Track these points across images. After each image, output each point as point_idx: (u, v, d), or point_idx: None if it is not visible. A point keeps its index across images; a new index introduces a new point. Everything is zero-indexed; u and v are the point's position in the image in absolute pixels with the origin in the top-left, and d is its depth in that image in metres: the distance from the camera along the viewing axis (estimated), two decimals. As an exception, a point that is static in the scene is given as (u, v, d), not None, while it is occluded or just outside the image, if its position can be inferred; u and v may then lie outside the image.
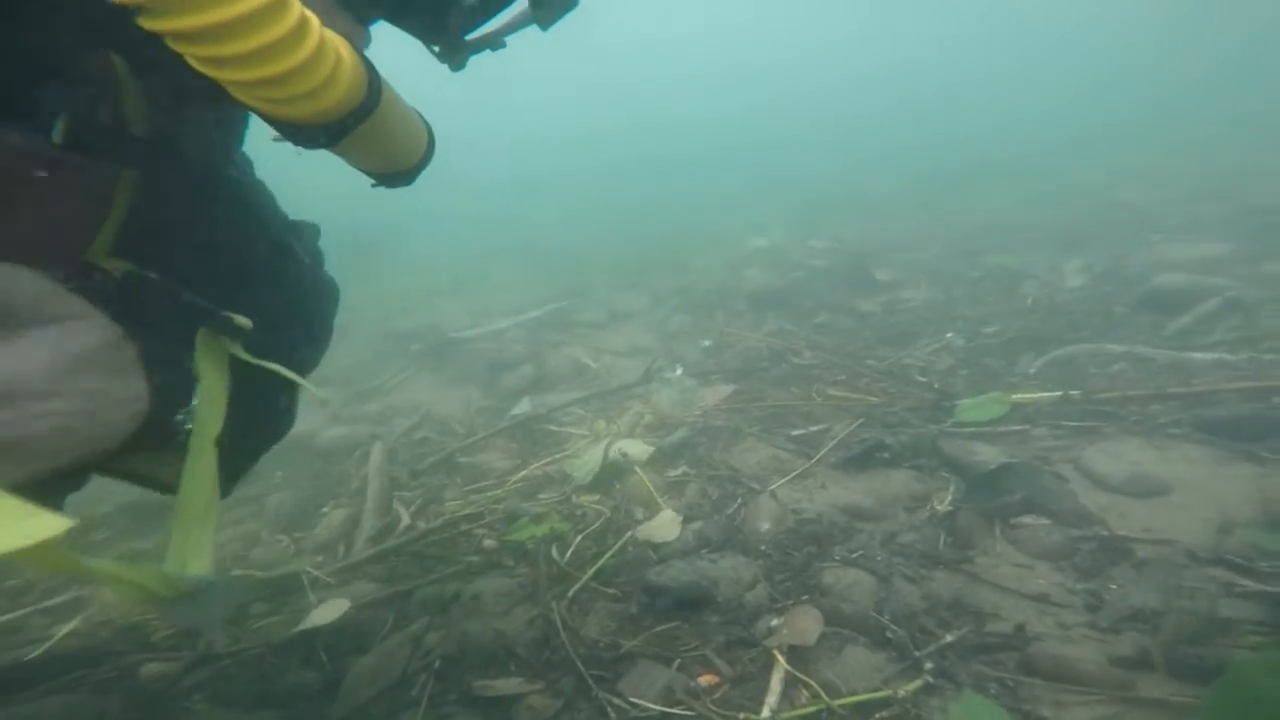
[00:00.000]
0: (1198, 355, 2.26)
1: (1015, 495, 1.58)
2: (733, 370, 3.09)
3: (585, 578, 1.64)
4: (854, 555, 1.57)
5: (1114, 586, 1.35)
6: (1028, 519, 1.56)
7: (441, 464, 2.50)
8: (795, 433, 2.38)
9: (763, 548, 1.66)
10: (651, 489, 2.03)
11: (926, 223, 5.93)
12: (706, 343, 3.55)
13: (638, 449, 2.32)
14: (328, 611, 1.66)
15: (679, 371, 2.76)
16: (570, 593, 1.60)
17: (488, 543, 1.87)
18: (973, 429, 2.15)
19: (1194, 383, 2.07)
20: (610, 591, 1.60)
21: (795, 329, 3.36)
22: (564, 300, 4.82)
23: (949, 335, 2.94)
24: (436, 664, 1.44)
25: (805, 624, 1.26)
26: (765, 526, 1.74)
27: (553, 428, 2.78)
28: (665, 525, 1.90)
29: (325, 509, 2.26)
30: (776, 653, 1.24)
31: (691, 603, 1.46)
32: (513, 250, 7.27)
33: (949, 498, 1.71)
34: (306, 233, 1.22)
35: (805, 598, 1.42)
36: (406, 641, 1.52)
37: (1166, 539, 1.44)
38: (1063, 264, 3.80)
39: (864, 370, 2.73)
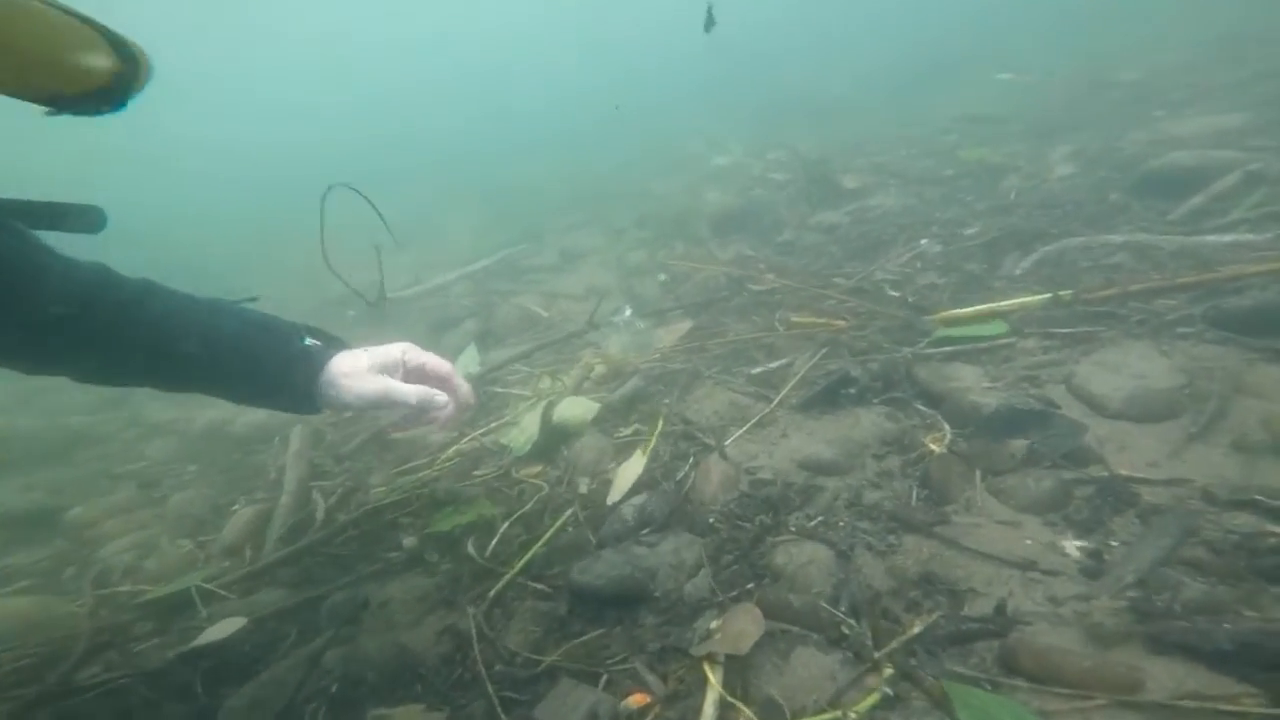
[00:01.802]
0: (1212, 238, 1.93)
1: (1022, 441, 1.30)
2: (692, 304, 2.77)
3: (509, 575, 1.40)
4: (812, 523, 1.32)
5: (1115, 544, 1.10)
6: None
7: (372, 443, 2.23)
8: (755, 370, 2.10)
9: (711, 520, 1.42)
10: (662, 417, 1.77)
11: (894, 123, 5.39)
12: (663, 276, 3.20)
13: (583, 408, 2.04)
14: (219, 629, 1.43)
15: (628, 313, 2.44)
16: (492, 593, 1.36)
17: (407, 538, 1.62)
18: (952, 348, 1.87)
19: (1208, 270, 1.75)
20: (539, 588, 1.37)
21: (755, 253, 3.00)
22: (516, 245, 4.41)
23: (923, 242, 2.59)
24: (334, 688, 1.22)
25: (742, 627, 1.02)
26: (715, 493, 1.49)
27: (498, 389, 2.49)
28: (631, 467, 1.67)
29: (238, 505, 2.01)
30: (708, 667, 1.00)
31: (624, 600, 1.22)
32: (466, 196, 6.71)
33: (946, 439, 1.43)
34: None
35: (751, 586, 1.18)
36: (301, 663, 1.29)
37: (1178, 477, 1.18)
38: (1048, 153, 3.38)
39: (830, 291, 2.41)
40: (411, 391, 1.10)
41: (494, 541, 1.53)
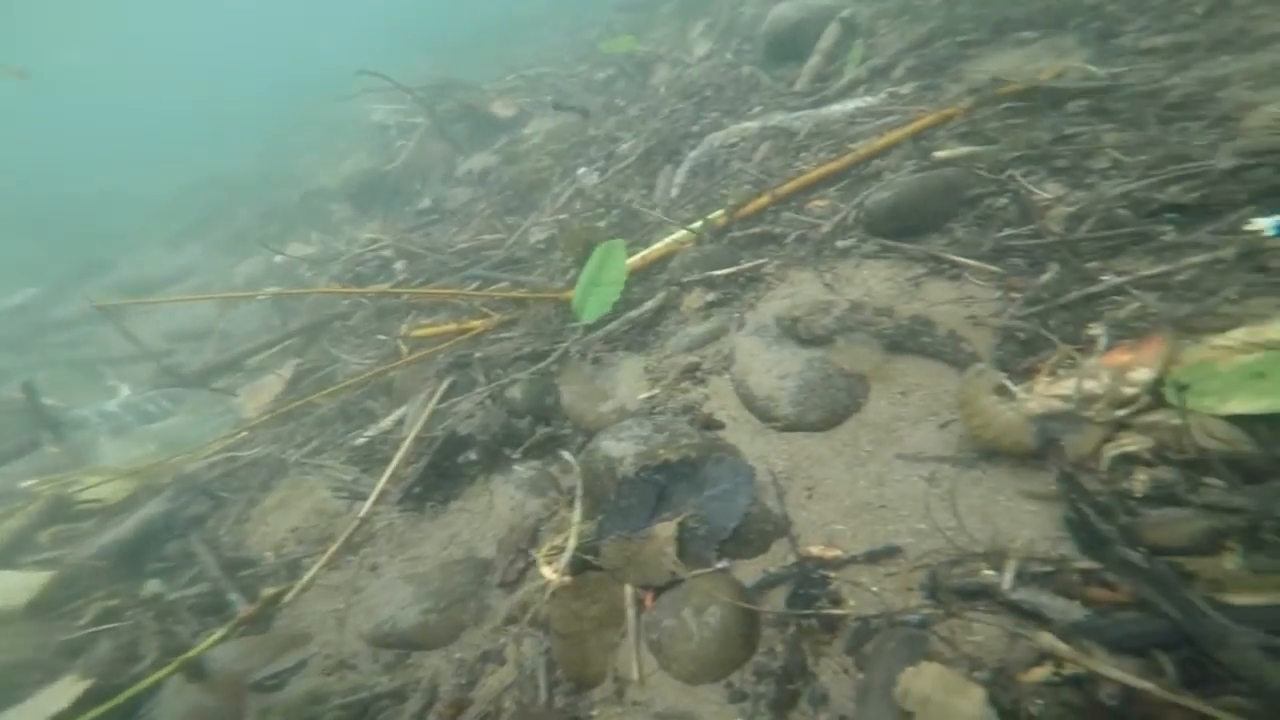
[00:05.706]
0: (837, 108, 1.59)
1: (671, 521, 0.75)
2: (300, 328, 1.87)
3: None
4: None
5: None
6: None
7: None
8: (361, 439, 1.35)
9: None
10: None
11: (563, 27, 4.68)
12: (262, 296, 2.18)
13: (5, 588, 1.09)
14: None
15: (120, 397, 1.46)
16: None
17: None
18: (604, 332, 1.31)
19: (844, 152, 1.40)
20: None
21: (385, 235, 2.13)
22: (51, 283, 2.87)
23: (580, 171, 2.00)
24: None
25: None
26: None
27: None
28: None
29: None
30: None
31: None
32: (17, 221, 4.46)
33: (569, 545, 0.82)
34: None
35: None
36: None
37: (884, 546, 0.74)
38: (689, 31, 2.96)
39: (478, 270, 1.71)
40: None
41: None
